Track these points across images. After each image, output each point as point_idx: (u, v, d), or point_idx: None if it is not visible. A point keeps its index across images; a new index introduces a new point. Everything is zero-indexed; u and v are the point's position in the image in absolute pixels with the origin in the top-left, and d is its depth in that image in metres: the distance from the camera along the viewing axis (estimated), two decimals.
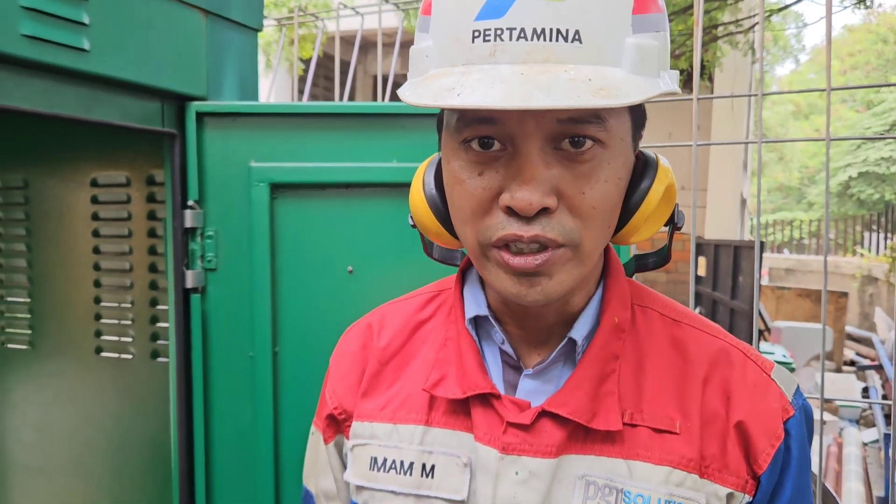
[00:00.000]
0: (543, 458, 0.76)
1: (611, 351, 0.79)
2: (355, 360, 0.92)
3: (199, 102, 1.43)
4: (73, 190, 1.82)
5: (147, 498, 1.83)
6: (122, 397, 1.83)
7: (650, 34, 0.68)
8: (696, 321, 0.85)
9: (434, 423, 0.82)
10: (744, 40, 8.63)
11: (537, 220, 0.68)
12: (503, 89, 0.61)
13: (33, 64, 1.14)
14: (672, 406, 0.78)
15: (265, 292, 1.43)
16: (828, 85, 1.91)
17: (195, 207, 1.43)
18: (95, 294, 1.83)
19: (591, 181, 0.69)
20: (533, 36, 0.63)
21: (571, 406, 0.76)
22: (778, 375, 0.81)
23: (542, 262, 0.69)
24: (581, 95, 0.60)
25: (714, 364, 0.80)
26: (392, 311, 0.95)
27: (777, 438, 0.77)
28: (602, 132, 0.68)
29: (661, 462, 0.76)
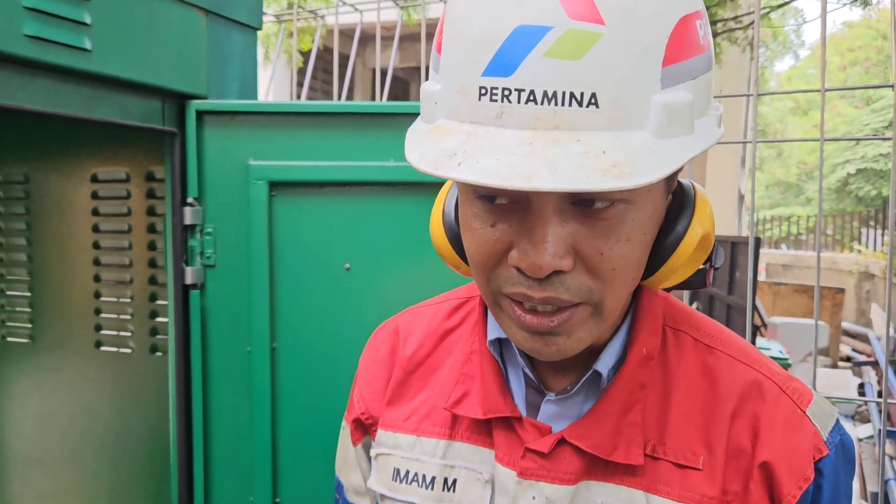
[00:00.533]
0: (561, 486, 0.75)
1: (637, 381, 0.76)
2: (383, 365, 0.91)
3: (199, 101, 1.45)
4: (73, 185, 1.84)
5: (144, 489, 1.85)
6: (121, 391, 1.85)
7: (685, 84, 0.60)
8: (731, 348, 0.80)
9: (457, 437, 0.82)
10: (743, 37, 8.64)
11: (550, 280, 0.64)
12: (508, 164, 0.56)
13: (36, 63, 1.16)
14: (697, 440, 0.75)
15: (263, 289, 1.45)
16: (822, 86, 1.93)
17: (195, 205, 1.45)
18: (95, 289, 1.85)
19: (610, 240, 0.63)
20: (543, 100, 0.57)
21: (592, 440, 0.74)
22: (814, 411, 0.76)
23: (558, 323, 0.66)
24: (590, 175, 0.55)
25: (745, 397, 0.76)
26: (420, 317, 0.93)
27: (806, 480, 0.73)
28: (625, 192, 0.62)
29: (681, 499, 0.74)
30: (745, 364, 0.78)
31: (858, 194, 18.41)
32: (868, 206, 17.89)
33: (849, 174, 18.35)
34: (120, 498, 1.87)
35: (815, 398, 0.78)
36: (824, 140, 1.94)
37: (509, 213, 0.64)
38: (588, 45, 0.56)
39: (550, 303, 0.64)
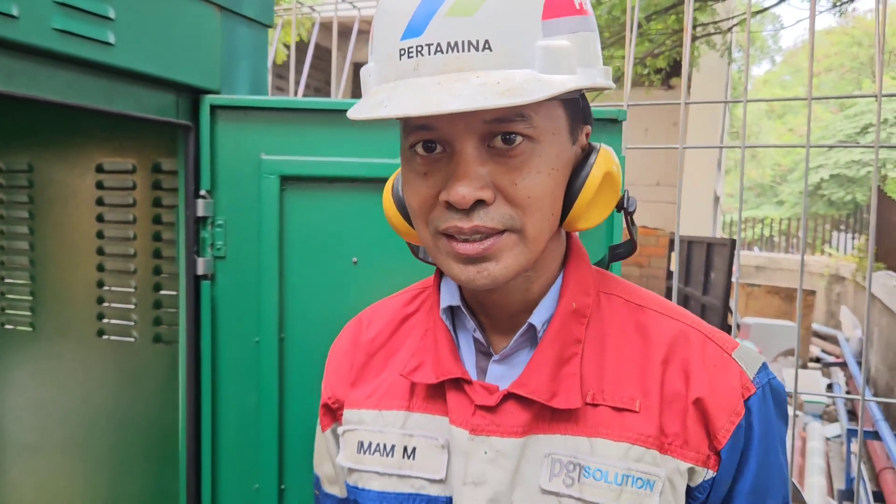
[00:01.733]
0: (510, 438, 0.82)
1: (571, 335, 0.85)
2: (346, 353, 1.01)
3: (213, 96, 1.48)
4: (78, 175, 1.86)
5: (144, 477, 1.88)
6: (123, 380, 1.87)
7: (563, 36, 0.74)
8: (660, 306, 0.90)
9: (414, 408, 0.89)
10: (721, 41, 8.77)
11: (475, 212, 0.75)
12: (422, 98, 0.69)
13: (62, 56, 1.18)
14: (633, 386, 0.83)
15: (273, 280, 1.49)
16: (809, 94, 2.01)
17: (207, 197, 1.48)
18: (99, 278, 1.87)
19: (522, 173, 0.75)
20: (448, 49, 0.71)
21: (531, 386, 0.82)
22: (740, 355, 0.85)
23: (488, 246, 0.76)
24: (487, 97, 0.67)
25: (674, 345, 0.85)
26: (381, 308, 1.03)
27: (737, 415, 0.81)
28: (529, 129, 0.75)
29: (620, 439, 0.81)
30: (672, 318, 0.88)
31: (831, 198, 18.74)
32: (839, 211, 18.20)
33: (822, 179, 18.67)
34: (119, 486, 1.89)
35: (742, 345, 0.88)
36: (810, 147, 2.01)
37: (437, 162, 0.77)
38: (479, 4, 0.71)
39: (479, 231, 0.75)
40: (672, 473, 0.81)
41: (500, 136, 0.74)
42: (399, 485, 0.89)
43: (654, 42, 8.27)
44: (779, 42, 33.65)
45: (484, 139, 0.75)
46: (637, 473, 0.80)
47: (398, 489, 0.88)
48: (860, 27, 24.57)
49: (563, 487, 0.81)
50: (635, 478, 0.80)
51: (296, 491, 1.53)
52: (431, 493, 0.87)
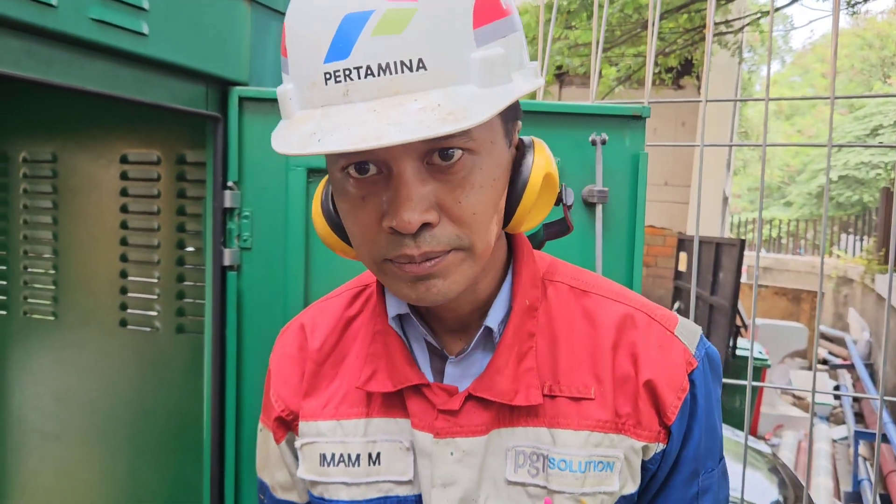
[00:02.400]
0: (475, 437, 0.84)
1: (526, 330, 0.85)
2: (294, 361, 0.96)
3: (242, 88, 1.49)
4: (102, 166, 1.87)
5: (163, 467, 1.89)
6: (144, 370, 1.88)
7: (495, 42, 0.70)
8: (603, 289, 0.91)
9: (374, 413, 0.88)
10: (733, 40, 8.75)
11: (421, 235, 0.71)
12: (359, 130, 0.64)
13: (98, 46, 1.19)
14: (586, 374, 0.85)
15: (298, 272, 1.50)
16: (832, 93, 2.00)
17: (234, 188, 1.49)
18: (122, 268, 1.88)
19: (465, 189, 0.72)
20: (379, 71, 0.65)
21: (494, 390, 0.82)
22: (681, 331, 0.88)
23: (434, 263, 0.73)
24: (430, 125, 0.63)
25: (621, 329, 0.87)
26: (321, 311, 0.99)
27: (683, 391, 0.85)
28: (468, 142, 0.71)
29: (580, 427, 0.83)
30: (616, 301, 0.89)
31: (839, 200, 18.68)
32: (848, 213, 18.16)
33: (831, 180, 18.61)
34: (140, 475, 1.91)
35: (681, 320, 0.90)
36: (832, 146, 2.01)
37: (374, 184, 0.72)
38: (406, 20, 0.65)
39: (428, 257, 0.72)
40: (627, 451, 0.84)
41: (439, 151, 0.70)
42: (367, 491, 0.89)
43: (665, 41, 8.26)
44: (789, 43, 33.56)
45: (423, 157, 0.71)
46: (598, 458, 0.83)
47: (367, 496, 0.89)
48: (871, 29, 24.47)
49: (529, 477, 0.84)
50: (596, 462, 0.83)
51: None
52: (400, 493, 0.88)
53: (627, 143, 1.55)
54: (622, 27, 8.01)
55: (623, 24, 7.96)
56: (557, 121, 1.51)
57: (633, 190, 1.56)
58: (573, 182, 1.53)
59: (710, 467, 0.89)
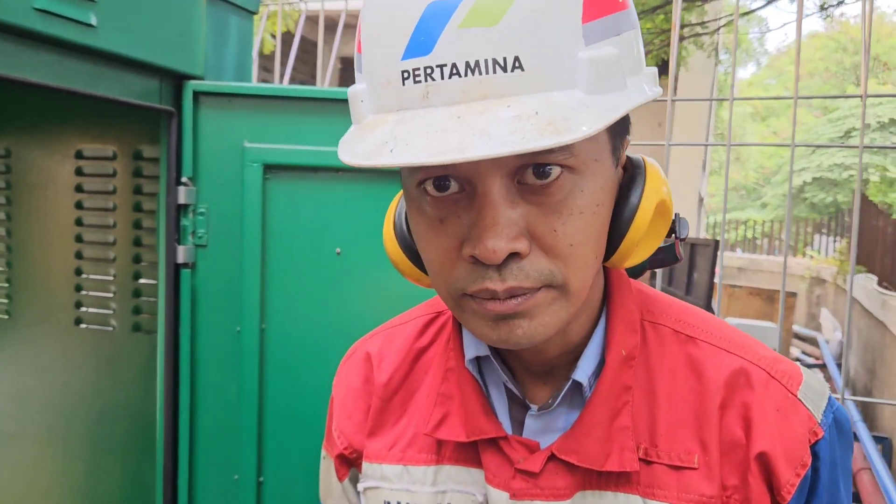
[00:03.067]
0: (556, 502, 0.73)
1: (621, 383, 0.74)
2: (359, 395, 0.88)
3: (196, 82, 1.46)
4: (57, 161, 1.83)
5: (122, 466, 1.86)
6: (101, 368, 1.85)
7: (608, 41, 0.59)
8: (714, 336, 0.78)
9: (444, 461, 0.79)
10: (709, 42, 8.81)
11: (508, 266, 0.61)
12: (440, 140, 0.54)
13: (43, 37, 1.16)
14: (689, 438, 0.73)
15: (255, 270, 1.47)
16: (795, 94, 2.01)
17: (189, 184, 1.46)
18: (77, 265, 1.84)
19: (562, 215, 0.61)
20: (466, 71, 0.56)
21: (582, 454, 0.72)
22: (806, 393, 0.75)
23: (521, 302, 0.63)
24: (525, 136, 0.53)
25: (733, 387, 0.74)
26: (389, 340, 0.90)
27: (803, 466, 0.72)
28: (569, 158, 0.60)
29: (680, 500, 0.72)
30: (729, 352, 0.76)
31: (813, 201, 18.91)
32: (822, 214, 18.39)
33: (805, 182, 18.83)
34: (97, 475, 1.87)
35: (805, 378, 0.77)
36: (795, 146, 2.02)
37: (455, 204, 0.62)
38: (503, 10, 0.55)
39: (514, 293, 0.62)
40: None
41: (533, 168, 0.60)
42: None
43: None
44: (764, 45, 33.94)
45: (513, 174, 0.60)
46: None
47: None
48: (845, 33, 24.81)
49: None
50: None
51: (275, 483, 1.51)
52: None
53: None
54: None
55: None
56: None
57: None
58: None
59: None
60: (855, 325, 9.51)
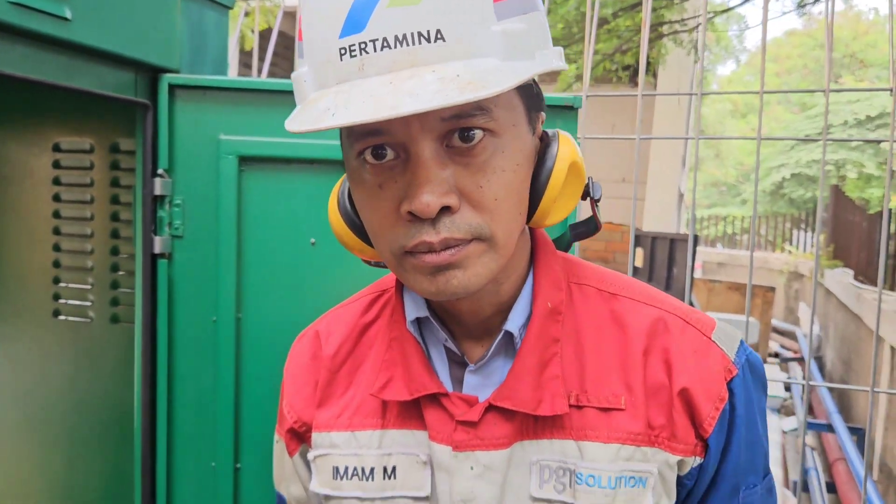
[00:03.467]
0: (496, 451, 0.78)
1: (550, 335, 0.80)
2: (308, 371, 0.93)
3: (172, 75, 1.48)
4: (34, 154, 1.84)
5: (100, 457, 1.87)
6: (79, 360, 1.86)
7: (517, 17, 0.67)
8: (633, 292, 0.85)
9: (389, 425, 0.83)
10: (688, 39, 8.89)
11: (441, 221, 0.68)
12: (374, 102, 0.61)
13: (17, 30, 1.18)
14: (616, 382, 0.79)
15: (230, 260, 1.50)
16: (761, 87, 2.06)
17: (164, 176, 1.48)
18: (55, 258, 1.86)
19: (487, 173, 0.69)
20: (396, 43, 0.63)
21: (515, 399, 0.77)
22: (719, 336, 0.82)
23: (454, 253, 0.69)
24: (448, 94, 0.60)
25: (653, 334, 0.81)
26: (337, 318, 0.95)
27: (721, 401, 0.78)
28: (490, 122, 0.68)
29: (610, 440, 0.77)
30: (648, 304, 0.84)
31: (791, 197, 19.11)
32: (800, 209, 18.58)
33: (784, 178, 19.02)
34: (75, 465, 1.89)
35: (718, 324, 0.84)
36: (761, 139, 2.07)
37: (391, 170, 0.69)
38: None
39: (447, 244, 0.68)
40: (661, 466, 0.78)
41: (458, 132, 0.67)
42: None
43: (621, 38, 8.37)
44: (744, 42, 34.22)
45: (442, 139, 0.68)
46: (630, 473, 0.77)
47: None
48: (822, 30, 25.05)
49: (555, 493, 0.78)
50: (628, 477, 0.77)
51: (251, 470, 1.54)
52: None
53: None
54: (579, 24, 8.10)
55: (580, 21, 8.04)
56: None
57: None
58: None
59: (753, 483, 0.83)
60: (831, 319, 9.64)
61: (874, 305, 6.69)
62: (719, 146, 28.01)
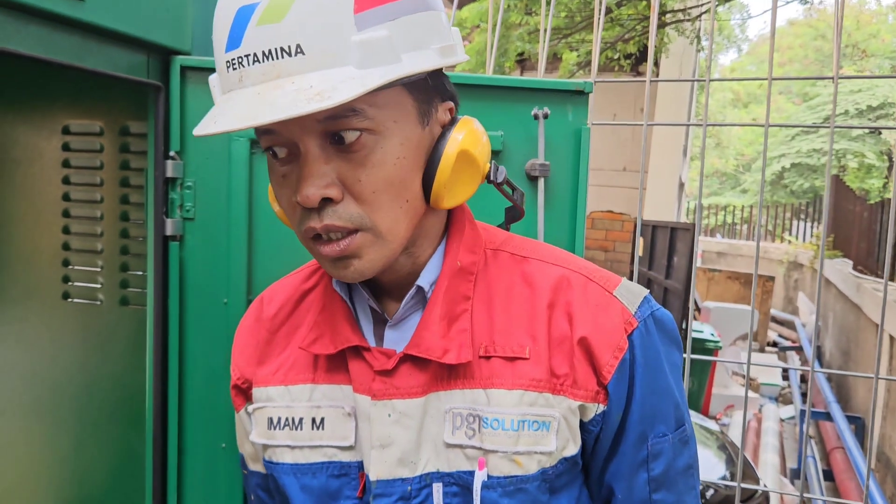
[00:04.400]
0: (411, 399, 0.86)
1: (459, 292, 0.87)
2: (251, 332, 1.02)
3: (184, 57, 1.48)
4: (44, 137, 1.84)
5: (109, 438, 1.88)
6: (89, 342, 1.87)
7: (381, 25, 0.72)
8: (543, 254, 0.93)
9: (319, 380, 0.92)
10: (691, 28, 8.86)
11: (325, 210, 0.76)
12: (244, 111, 0.70)
13: (33, 10, 1.18)
14: (522, 334, 0.86)
15: (241, 242, 1.50)
16: (769, 74, 2.06)
17: (176, 158, 1.49)
18: (64, 240, 1.86)
19: (365, 168, 0.76)
20: (264, 58, 0.71)
21: (423, 346, 0.84)
22: (621, 292, 0.88)
23: (345, 246, 0.78)
24: (298, 104, 0.68)
25: (557, 289, 0.88)
26: (282, 285, 1.05)
27: (619, 350, 0.84)
28: (364, 121, 0.74)
29: (514, 387, 0.84)
30: (554, 265, 0.91)
31: (792, 187, 19.11)
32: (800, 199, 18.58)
33: (784, 168, 19.02)
34: (85, 449, 1.90)
35: (624, 282, 0.90)
36: (769, 126, 2.07)
37: (292, 164, 0.78)
38: (286, 9, 0.70)
39: (330, 230, 0.77)
40: (565, 412, 0.84)
41: (333, 133, 0.75)
42: (311, 455, 0.91)
43: (624, 27, 8.33)
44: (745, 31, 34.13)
45: (325, 136, 0.76)
46: (532, 417, 0.83)
47: (311, 459, 0.91)
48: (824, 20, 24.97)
49: (466, 439, 0.85)
50: (531, 421, 0.83)
51: None
52: (343, 459, 0.90)
53: (570, 118, 1.58)
54: (582, 13, 8.07)
55: (583, 10, 8.02)
56: (500, 95, 1.53)
57: (575, 164, 1.59)
58: (515, 156, 1.55)
59: (662, 432, 0.88)
60: (830, 309, 9.67)
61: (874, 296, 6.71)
62: (720, 135, 27.99)
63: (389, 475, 0.86)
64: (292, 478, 0.92)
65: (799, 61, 26.76)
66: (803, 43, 26.91)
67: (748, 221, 18.97)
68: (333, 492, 0.90)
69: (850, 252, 10.19)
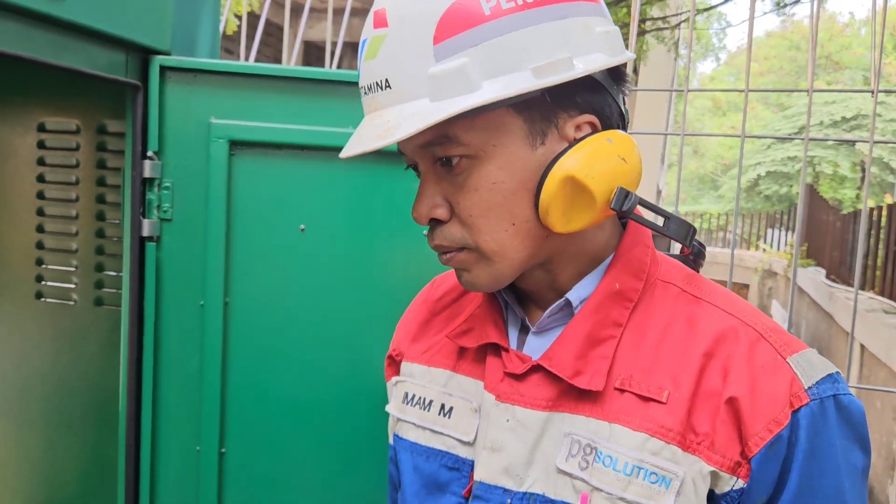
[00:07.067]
0: (533, 410, 0.82)
1: (610, 317, 0.82)
2: (416, 310, 1.08)
3: (163, 57, 1.47)
4: (19, 134, 1.81)
5: (81, 440, 1.86)
6: (61, 343, 1.85)
7: (461, 54, 0.71)
8: (720, 301, 0.83)
9: (459, 370, 0.93)
10: (670, 36, 8.94)
11: (435, 230, 0.81)
12: (353, 139, 0.79)
13: (9, 7, 1.16)
14: (664, 376, 0.78)
15: (219, 244, 1.49)
16: (746, 86, 2.09)
17: (154, 158, 1.47)
18: (38, 239, 1.84)
19: (463, 191, 0.78)
20: (367, 90, 0.78)
21: (555, 361, 0.81)
22: (798, 361, 0.76)
23: (450, 258, 0.82)
24: (371, 140, 0.74)
25: (720, 339, 0.78)
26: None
27: (777, 424, 0.73)
28: (458, 148, 0.76)
29: (639, 428, 0.76)
30: (728, 313, 0.81)
31: (767, 194, 19.35)
32: (775, 207, 18.82)
33: (759, 175, 19.25)
34: (55, 448, 1.87)
35: (807, 352, 0.78)
36: (745, 137, 2.10)
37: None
38: (379, 45, 0.75)
39: (441, 251, 0.82)
40: (695, 475, 0.74)
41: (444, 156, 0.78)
42: (432, 439, 0.93)
43: None
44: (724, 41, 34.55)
45: (436, 160, 0.79)
46: (651, 467, 0.75)
47: (430, 443, 0.93)
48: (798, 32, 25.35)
49: (577, 470, 0.79)
50: (648, 471, 0.75)
51: (236, 454, 1.54)
52: (460, 454, 0.89)
53: None
54: None
55: None
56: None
57: None
58: None
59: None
60: (803, 317, 9.79)
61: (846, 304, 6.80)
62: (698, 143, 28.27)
63: (491, 480, 0.83)
64: (409, 455, 0.95)
65: (775, 72, 27.12)
66: (778, 54, 27.28)
67: (724, 229, 19.16)
68: (442, 483, 0.90)
69: (823, 261, 10.34)
